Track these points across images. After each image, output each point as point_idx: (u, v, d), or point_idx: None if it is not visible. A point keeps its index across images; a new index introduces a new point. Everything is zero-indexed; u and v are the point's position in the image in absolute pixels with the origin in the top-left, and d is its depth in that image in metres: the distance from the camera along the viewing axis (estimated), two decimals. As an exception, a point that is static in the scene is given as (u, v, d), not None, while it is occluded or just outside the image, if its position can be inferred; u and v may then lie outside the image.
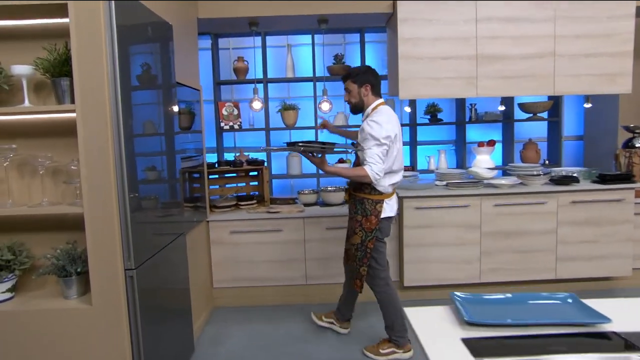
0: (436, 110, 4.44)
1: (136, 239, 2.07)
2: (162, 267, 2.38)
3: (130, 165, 2.04)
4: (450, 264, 3.32)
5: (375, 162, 2.37)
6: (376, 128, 2.38)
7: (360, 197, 2.54)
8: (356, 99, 2.59)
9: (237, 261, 3.43)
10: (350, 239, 2.62)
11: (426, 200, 3.28)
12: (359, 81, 2.57)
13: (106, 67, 1.94)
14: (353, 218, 2.58)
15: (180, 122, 2.85)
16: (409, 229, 3.29)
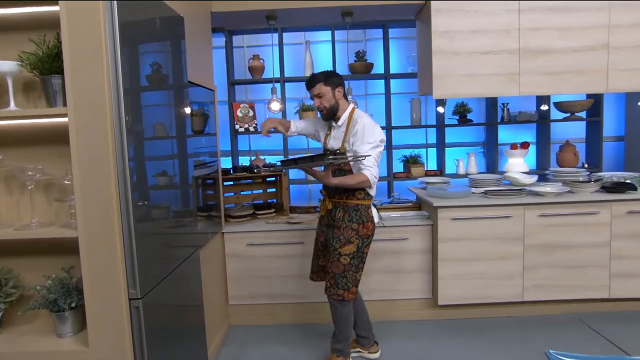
0: (466, 110, 4.06)
1: (143, 263, 1.74)
2: (174, 291, 2.05)
3: (136, 177, 1.71)
4: (489, 280, 2.94)
5: (372, 166, 2.29)
6: (370, 131, 2.30)
7: (353, 204, 2.37)
8: (331, 103, 2.39)
9: (254, 276, 3.09)
10: (340, 250, 2.35)
11: (464, 210, 2.91)
12: (331, 84, 2.38)
13: (105, 63, 1.61)
14: (347, 227, 2.35)
15: (193, 124, 2.51)
16: (444, 241, 2.92)
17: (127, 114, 1.67)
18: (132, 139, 1.71)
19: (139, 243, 1.73)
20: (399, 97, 4.32)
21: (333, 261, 2.37)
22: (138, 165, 1.75)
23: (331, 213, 2.45)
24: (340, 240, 2.36)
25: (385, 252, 3.04)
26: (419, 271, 3.06)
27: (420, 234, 3.03)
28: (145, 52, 1.85)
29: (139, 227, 1.72)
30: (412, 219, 3.09)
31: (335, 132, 2.49)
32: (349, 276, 2.37)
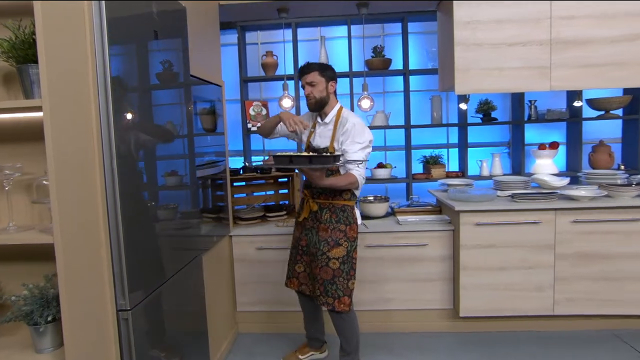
0: (490, 108, 3.78)
1: (133, 271, 1.57)
2: (171, 300, 1.87)
3: (126, 177, 1.53)
4: (516, 292, 2.67)
5: (360, 166, 2.21)
6: (361, 131, 2.21)
7: (340, 204, 2.26)
8: (322, 94, 2.27)
9: (263, 282, 2.90)
10: (328, 253, 2.22)
11: (488, 215, 2.65)
12: (327, 76, 2.28)
13: (90, 49, 1.44)
14: (335, 228, 2.23)
15: (198, 122, 2.34)
16: (467, 248, 2.67)
17: (116, 107, 1.50)
18: (122, 135, 1.53)
19: (130, 249, 1.55)
20: (418, 94, 4.06)
21: (321, 267, 2.22)
22: (128, 164, 1.58)
23: (316, 215, 2.28)
24: (328, 243, 2.21)
25: (403, 259, 2.80)
26: (439, 280, 2.81)
27: (441, 240, 2.79)
28: (138, 40, 1.68)
29: (129, 231, 1.55)
30: (432, 223, 2.85)
31: (322, 130, 2.33)
32: (339, 283, 2.21)
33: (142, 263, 1.65)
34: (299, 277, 2.40)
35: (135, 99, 1.66)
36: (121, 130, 1.54)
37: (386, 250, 2.80)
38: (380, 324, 2.86)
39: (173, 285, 1.89)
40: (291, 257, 2.44)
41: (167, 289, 1.83)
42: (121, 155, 1.53)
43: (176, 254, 1.95)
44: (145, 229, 1.69)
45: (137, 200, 1.64)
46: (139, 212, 1.65)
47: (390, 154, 4.16)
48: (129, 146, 1.59)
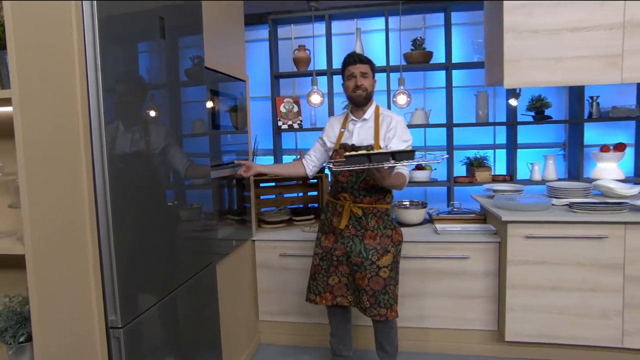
0: (543, 105, 3.35)
1: (128, 282, 1.37)
2: (174, 314, 1.66)
3: (120, 178, 1.33)
4: (574, 317, 2.27)
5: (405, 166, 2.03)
6: (405, 128, 2.12)
7: (384, 208, 2.10)
8: (371, 89, 2.11)
9: (287, 291, 2.65)
10: (378, 262, 2.03)
11: (541, 226, 2.26)
12: (374, 71, 2.14)
13: (76, 33, 1.25)
14: (383, 235, 2.06)
15: (216, 119, 2.12)
16: (515, 264, 2.30)
17: (108, 104, 1.30)
18: (114, 133, 1.33)
19: (123, 257, 1.35)
20: (462, 90, 3.68)
21: (371, 277, 2.02)
22: (122, 163, 1.37)
23: (360, 221, 2.07)
24: (377, 252, 2.03)
25: (442, 273, 2.47)
26: (482, 297, 2.45)
27: (485, 253, 2.43)
28: (139, 33, 1.47)
29: (122, 236, 1.35)
30: (475, 234, 2.49)
31: (360, 127, 2.13)
32: (390, 291, 2.04)
33: (138, 273, 1.45)
34: (333, 290, 2.14)
35: (134, 96, 1.45)
36: (114, 127, 1.33)
37: (422, 262, 2.48)
38: (415, 342, 2.54)
39: (178, 297, 1.67)
40: (320, 270, 2.15)
41: (170, 302, 1.62)
42: (114, 154, 1.33)
43: (183, 262, 1.73)
44: (142, 234, 1.48)
45: (133, 203, 1.43)
46: (135, 215, 1.44)
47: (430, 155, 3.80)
48: (123, 144, 1.39)
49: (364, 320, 2.36)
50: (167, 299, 1.60)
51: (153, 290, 1.53)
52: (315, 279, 2.17)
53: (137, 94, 1.47)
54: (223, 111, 2.23)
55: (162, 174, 1.60)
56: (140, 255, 1.46)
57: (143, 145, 1.48)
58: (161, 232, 1.58)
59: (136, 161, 1.45)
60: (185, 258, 1.75)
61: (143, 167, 1.48)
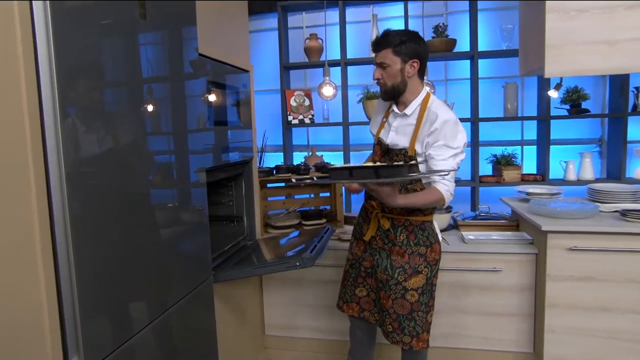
0: (580, 97, 2.97)
1: (95, 313, 1.08)
2: (157, 345, 1.38)
3: (83, 185, 1.04)
4: (627, 343, 1.93)
5: (451, 180, 1.61)
6: (454, 132, 1.58)
7: (418, 221, 1.69)
8: (395, 80, 1.64)
9: (296, 303, 2.37)
10: (405, 284, 1.67)
11: (588, 237, 1.92)
12: (403, 52, 1.60)
13: (20, 29, 0.96)
14: (413, 252, 1.68)
15: (213, 114, 1.83)
16: (555, 280, 1.96)
17: (65, 100, 1.02)
18: (73, 133, 1.05)
19: (87, 283, 1.08)
20: (487, 82, 3.32)
21: (396, 299, 1.69)
22: (88, 166, 1.09)
23: (388, 234, 1.71)
24: (405, 271, 1.67)
25: (471, 287, 2.15)
26: (516, 315, 2.13)
27: (519, 265, 2.10)
28: (111, 22, 1.18)
29: (86, 258, 1.07)
30: (507, 243, 2.16)
31: (399, 124, 1.72)
32: (418, 318, 1.69)
33: (109, 300, 1.17)
34: (360, 302, 1.84)
35: (101, 88, 1.16)
36: (72, 126, 1.05)
37: (447, 275, 2.16)
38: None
39: (165, 323, 1.39)
40: (348, 277, 1.88)
41: (154, 332, 1.34)
42: (74, 157, 1.05)
43: (172, 282, 1.45)
44: (114, 252, 1.19)
45: (99, 214, 1.14)
46: (104, 230, 1.15)
47: (452, 152, 3.44)
48: (88, 145, 1.10)
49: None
50: (151, 327, 1.32)
51: (130, 319, 1.25)
52: (345, 286, 1.89)
53: (106, 84, 1.18)
54: (222, 105, 1.93)
55: (139, 178, 1.31)
56: (112, 279, 1.18)
57: (112, 145, 1.19)
58: (140, 249, 1.30)
59: (102, 163, 1.16)
60: (173, 278, 1.46)
61: (112, 171, 1.20)
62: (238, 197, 2.24)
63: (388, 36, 1.62)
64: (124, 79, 1.24)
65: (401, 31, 1.63)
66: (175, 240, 1.48)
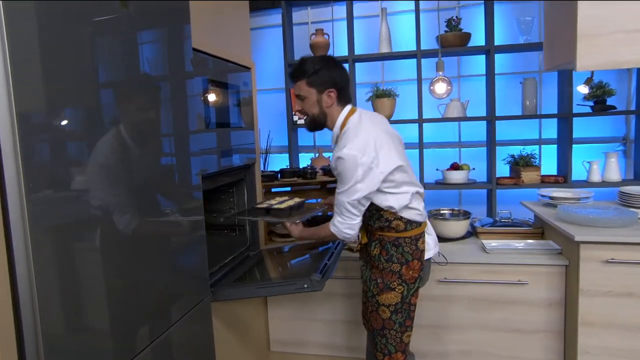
0: (605, 93, 2.73)
1: (63, 347, 0.89)
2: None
3: (40, 194, 0.85)
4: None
5: (343, 214, 1.50)
6: (345, 165, 1.43)
7: (391, 238, 1.55)
8: (315, 111, 1.54)
9: (303, 318, 2.17)
10: (378, 298, 1.57)
11: (627, 249, 1.69)
12: (318, 83, 1.50)
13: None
14: (385, 269, 1.56)
15: (209, 114, 1.63)
16: (590, 295, 1.74)
17: (22, 102, 0.83)
18: (31, 135, 0.85)
19: (51, 312, 0.88)
20: (504, 78, 3.09)
21: (371, 311, 1.61)
22: (55, 174, 0.89)
23: (367, 248, 1.63)
24: (377, 285, 1.57)
25: (493, 301, 1.93)
26: (544, 333, 1.91)
27: (547, 278, 1.88)
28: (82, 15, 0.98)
29: (53, 280, 0.88)
30: (533, 253, 1.94)
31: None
32: (390, 337, 1.58)
33: (81, 331, 0.97)
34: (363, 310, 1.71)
35: (71, 89, 0.96)
36: (32, 129, 0.85)
37: (466, 288, 1.95)
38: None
39: (156, 351, 1.19)
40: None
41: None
42: (34, 165, 0.85)
43: (160, 306, 1.25)
44: (92, 274, 1.00)
45: (64, 230, 0.95)
46: (72, 248, 0.96)
47: (466, 152, 3.23)
48: (55, 151, 0.91)
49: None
50: (139, 358, 1.12)
51: (109, 352, 1.05)
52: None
53: (78, 82, 0.98)
54: (221, 105, 1.73)
55: (122, 186, 1.11)
56: (84, 304, 0.98)
57: (87, 150, 0.99)
58: (123, 268, 1.10)
59: (74, 171, 0.96)
60: (163, 301, 1.27)
61: (86, 180, 1.00)
62: (240, 204, 2.04)
63: (301, 66, 1.51)
64: (100, 76, 1.04)
65: (316, 58, 1.53)
66: (166, 258, 1.28)
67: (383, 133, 1.51)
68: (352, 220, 1.49)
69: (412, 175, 1.57)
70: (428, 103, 2.94)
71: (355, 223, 1.50)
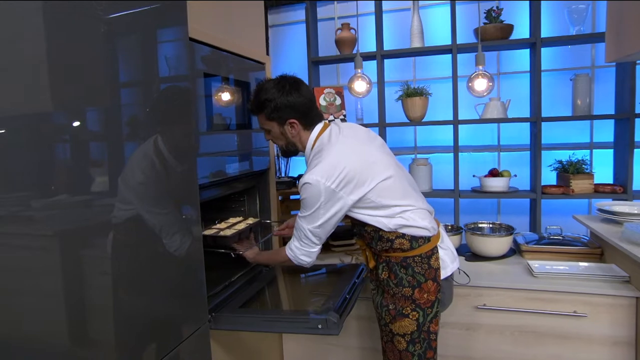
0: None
1: None
2: None
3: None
4: None
5: (301, 240, 1.33)
6: (309, 190, 1.26)
7: (399, 258, 1.33)
8: (281, 142, 1.40)
9: (324, 342, 1.90)
10: (391, 327, 1.35)
11: None
12: (276, 117, 1.33)
13: None
14: (395, 294, 1.34)
15: (216, 115, 1.40)
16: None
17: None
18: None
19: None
20: (550, 74, 2.71)
21: (387, 342, 1.40)
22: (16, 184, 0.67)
23: (375, 271, 1.41)
24: (389, 312, 1.36)
25: (543, 334, 1.60)
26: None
27: (612, 310, 1.53)
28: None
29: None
30: (592, 279, 1.59)
31: None
32: None
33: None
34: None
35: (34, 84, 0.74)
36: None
37: (509, 317, 1.63)
38: None
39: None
40: None
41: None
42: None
43: (144, 338, 1.02)
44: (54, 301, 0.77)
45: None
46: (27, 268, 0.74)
47: (506, 157, 2.86)
48: (21, 160, 0.69)
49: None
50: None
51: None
52: None
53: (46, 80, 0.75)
54: (228, 104, 1.49)
55: (98, 198, 0.88)
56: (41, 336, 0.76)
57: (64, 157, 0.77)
58: (103, 290, 0.87)
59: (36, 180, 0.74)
60: (147, 332, 1.04)
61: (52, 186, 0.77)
62: (251, 214, 1.80)
63: (257, 97, 1.33)
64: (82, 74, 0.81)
65: (270, 86, 1.32)
66: (156, 279, 1.05)
67: (359, 146, 1.33)
68: (311, 248, 1.35)
69: (408, 187, 1.35)
70: (464, 102, 2.60)
71: (313, 251, 1.35)
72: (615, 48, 1.72)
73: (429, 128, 2.89)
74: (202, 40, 1.32)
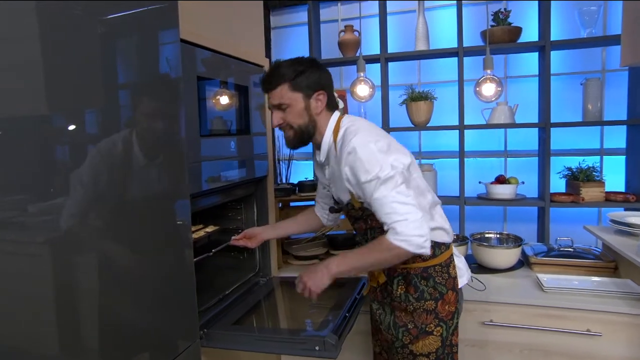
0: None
1: None
2: None
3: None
4: None
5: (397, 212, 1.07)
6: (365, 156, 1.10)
7: (419, 269, 1.20)
8: (301, 122, 1.21)
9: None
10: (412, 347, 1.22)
11: None
12: (304, 86, 1.19)
13: None
14: (417, 309, 1.21)
15: (207, 119, 1.32)
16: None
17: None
18: None
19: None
20: (559, 79, 2.60)
21: None
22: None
23: (387, 287, 1.28)
24: (409, 332, 1.23)
25: (554, 353, 1.51)
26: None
27: (628, 329, 1.43)
28: None
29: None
30: (606, 296, 1.49)
31: (329, 173, 1.30)
32: None
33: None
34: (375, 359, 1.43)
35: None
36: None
37: (518, 334, 1.53)
38: None
39: None
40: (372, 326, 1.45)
41: None
42: None
43: (137, 355, 0.94)
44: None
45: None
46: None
47: (513, 163, 2.76)
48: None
49: None
50: None
51: None
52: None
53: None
54: (221, 108, 1.41)
55: (81, 206, 0.80)
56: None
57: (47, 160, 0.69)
58: (85, 303, 0.79)
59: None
60: (139, 348, 0.95)
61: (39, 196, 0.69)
62: (249, 223, 1.71)
63: (280, 69, 1.19)
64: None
65: (295, 60, 1.21)
66: (143, 294, 0.96)
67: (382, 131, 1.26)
68: (414, 214, 1.06)
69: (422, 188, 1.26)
70: (470, 107, 2.50)
71: (419, 217, 1.07)
72: (632, 51, 1.62)
73: (434, 133, 2.79)
74: (197, 43, 1.23)
